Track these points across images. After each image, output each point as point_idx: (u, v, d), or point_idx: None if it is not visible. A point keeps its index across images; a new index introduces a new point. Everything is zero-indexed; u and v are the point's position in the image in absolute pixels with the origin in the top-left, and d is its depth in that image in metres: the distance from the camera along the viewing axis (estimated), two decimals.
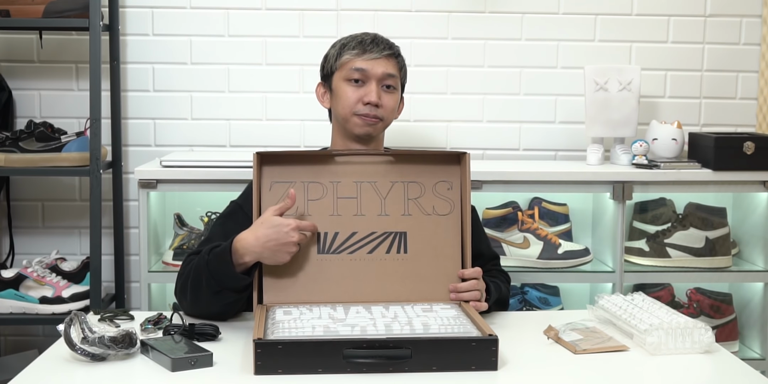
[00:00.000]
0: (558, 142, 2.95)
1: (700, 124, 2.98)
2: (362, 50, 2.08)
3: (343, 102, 2.08)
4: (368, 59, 2.07)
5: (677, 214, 2.82)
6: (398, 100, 2.15)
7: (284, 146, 2.89)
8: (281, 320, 1.67)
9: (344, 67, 2.09)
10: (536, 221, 2.79)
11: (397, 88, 2.13)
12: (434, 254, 1.81)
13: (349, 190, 1.82)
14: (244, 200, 2.09)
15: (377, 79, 2.07)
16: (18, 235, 2.92)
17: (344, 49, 2.10)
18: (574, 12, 2.91)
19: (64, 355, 1.63)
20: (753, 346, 2.84)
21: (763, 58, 2.93)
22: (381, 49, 2.09)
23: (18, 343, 2.99)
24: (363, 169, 1.84)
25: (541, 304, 2.75)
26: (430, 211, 1.80)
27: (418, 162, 1.84)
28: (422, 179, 1.82)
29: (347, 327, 1.62)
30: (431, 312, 1.71)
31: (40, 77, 2.89)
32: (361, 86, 2.08)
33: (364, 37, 2.12)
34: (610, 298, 1.91)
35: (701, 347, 1.70)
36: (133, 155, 2.90)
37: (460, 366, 1.55)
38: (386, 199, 1.81)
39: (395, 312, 1.71)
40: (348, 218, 1.81)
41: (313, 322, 1.65)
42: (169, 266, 2.67)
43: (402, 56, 2.17)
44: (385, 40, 2.14)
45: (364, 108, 2.06)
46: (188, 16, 2.87)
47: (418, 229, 1.80)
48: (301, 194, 1.83)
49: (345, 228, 1.81)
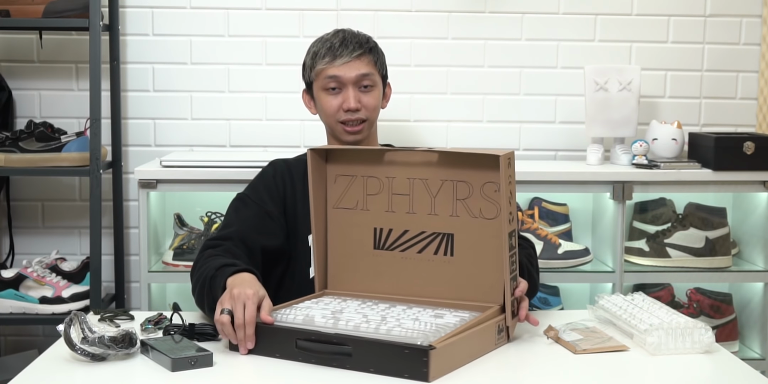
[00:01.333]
0: (558, 142, 2.95)
1: (700, 124, 2.98)
2: (332, 57, 2.09)
3: (326, 111, 2.13)
4: (340, 65, 2.08)
5: (677, 214, 2.82)
6: (380, 96, 2.16)
7: (284, 146, 2.89)
8: (305, 306, 1.74)
9: (319, 76, 2.12)
10: (536, 221, 2.79)
11: (376, 84, 2.14)
12: (479, 259, 1.77)
13: (402, 186, 1.81)
14: (251, 192, 2.11)
15: (352, 82, 2.10)
16: (18, 235, 2.92)
17: (316, 58, 2.11)
18: (574, 12, 2.91)
19: (64, 355, 1.63)
20: (753, 346, 2.84)
21: (763, 58, 2.93)
22: (351, 50, 2.09)
23: (18, 343, 2.99)
24: (414, 167, 1.82)
25: (541, 304, 2.75)
26: (477, 213, 1.76)
27: (468, 161, 1.78)
28: (471, 179, 1.77)
29: (342, 321, 1.63)
30: (439, 317, 1.69)
31: (40, 77, 2.89)
32: (338, 93, 2.10)
33: (333, 41, 2.11)
34: (610, 298, 1.91)
35: (701, 347, 1.70)
36: (133, 155, 2.90)
37: (393, 372, 1.52)
38: (436, 197, 1.79)
39: (416, 313, 1.71)
40: (401, 215, 1.82)
41: (324, 312, 1.68)
42: (169, 266, 2.67)
43: (376, 46, 2.16)
44: (355, 39, 2.12)
45: (345, 114, 2.10)
46: (188, 16, 2.87)
47: (464, 232, 1.77)
48: (361, 188, 1.85)
49: (398, 225, 1.82)
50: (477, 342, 1.65)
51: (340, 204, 1.88)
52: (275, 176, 2.14)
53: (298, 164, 2.16)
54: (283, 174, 2.14)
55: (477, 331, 1.64)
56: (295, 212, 2.10)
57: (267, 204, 2.08)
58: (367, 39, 2.15)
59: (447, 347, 1.53)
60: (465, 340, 1.60)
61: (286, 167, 2.16)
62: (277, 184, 2.12)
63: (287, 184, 2.12)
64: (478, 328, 1.64)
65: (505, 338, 1.73)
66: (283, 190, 2.12)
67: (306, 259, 2.07)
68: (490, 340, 1.68)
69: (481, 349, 1.66)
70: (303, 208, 2.07)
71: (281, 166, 2.17)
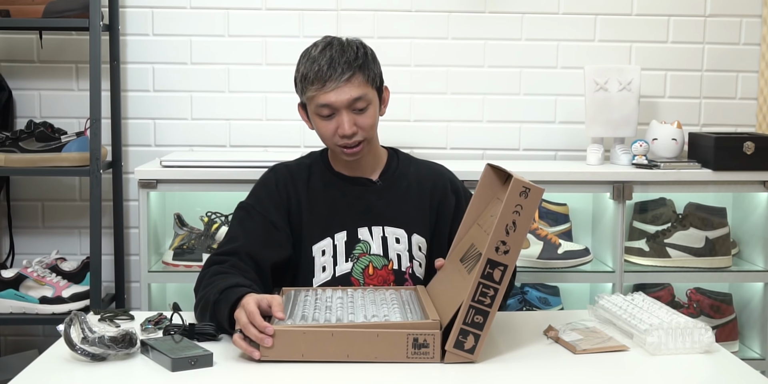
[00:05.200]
0: (558, 142, 2.95)
1: (700, 124, 2.98)
2: (321, 83, 1.95)
3: (322, 135, 2.04)
4: (330, 90, 1.95)
5: (677, 214, 2.82)
6: (376, 112, 2.04)
7: (284, 146, 2.89)
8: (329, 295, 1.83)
9: (311, 102, 2.00)
10: (536, 221, 2.79)
11: (371, 101, 2.01)
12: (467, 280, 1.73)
13: (496, 208, 1.80)
14: (255, 201, 2.06)
15: (345, 107, 1.97)
16: (18, 235, 2.93)
17: (306, 83, 1.99)
18: (574, 12, 2.91)
19: (64, 355, 1.63)
20: (753, 346, 2.84)
21: (763, 58, 2.93)
22: (339, 74, 1.95)
23: (18, 343, 2.99)
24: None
25: (541, 304, 2.75)
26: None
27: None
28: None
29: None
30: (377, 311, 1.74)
31: (40, 77, 2.89)
32: (333, 118, 1.99)
33: (320, 63, 1.96)
34: (610, 298, 1.91)
35: (701, 347, 1.70)
36: (133, 155, 2.90)
37: None
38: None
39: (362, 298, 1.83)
40: (482, 234, 1.82)
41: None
42: (169, 266, 2.67)
43: (366, 59, 2.00)
44: (342, 58, 1.97)
45: (341, 139, 2.01)
46: (188, 16, 2.87)
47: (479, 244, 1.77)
48: (490, 208, 1.87)
49: (478, 241, 1.82)
50: (352, 341, 1.61)
51: (480, 220, 1.89)
52: (278, 184, 2.08)
53: (300, 169, 2.11)
54: (285, 181, 2.08)
55: (354, 333, 1.61)
56: (300, 221, 2.06)
57: (272, 214, 2.03)
58: (356, 55, 1.99)
59: (282, 332, 1.59)
60: (319, 334, 1.60)
61: (288, 173, 2.10)
62: (280, 193, 2.06)
63: (290, 192, 2.07)
64: (362, 331, 1.61)
65: (432, 356, 1.62)
66: (287, 199, 2.06)
67: (310, 268, 2.04)
68: (386, 348, 1.62)
69: (365, 353, 1.61)
70: (308, 216, 2.05)
71: (283, 172, 2.11)
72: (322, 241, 2.05)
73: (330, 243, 2.05)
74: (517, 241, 1.62)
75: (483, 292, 1.61)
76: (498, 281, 1.61)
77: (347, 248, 2.05)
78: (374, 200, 2.08)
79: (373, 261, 2.05)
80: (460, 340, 1.61)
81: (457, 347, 1.62)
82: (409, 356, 1.61)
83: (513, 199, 1.61)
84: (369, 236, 2.06)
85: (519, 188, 1.62)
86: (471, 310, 1.61)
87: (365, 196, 2.08)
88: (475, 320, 1.61)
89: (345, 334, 1.60)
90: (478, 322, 1.61)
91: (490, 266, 1.61)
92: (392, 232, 2.07)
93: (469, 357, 1.62)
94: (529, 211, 1.63)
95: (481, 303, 1.61)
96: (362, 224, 2.06)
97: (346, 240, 2.05)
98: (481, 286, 1.61)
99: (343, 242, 2.05)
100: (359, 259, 2.05)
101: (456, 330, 1.61)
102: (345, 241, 2.05)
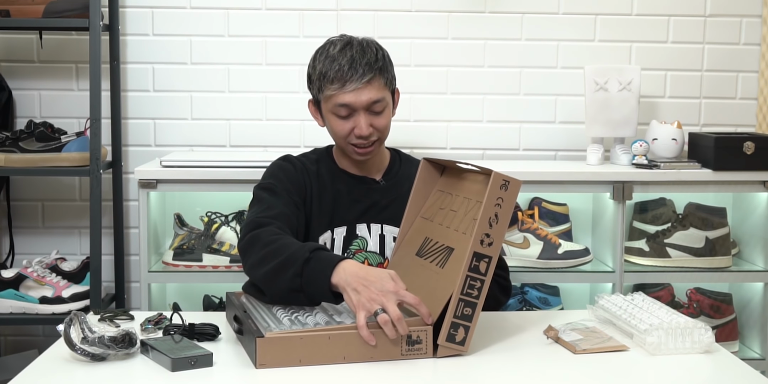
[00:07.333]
0: (558, 142, 2.95)
1: (700, 124, 2.98)
2: (342, 83, 1.96)
3: (336, 133, 2.04)
4: (350, 91, 1.96)
5: (677, 214, 2.82)
6: (390, 113, 2.07)
7: (284, 146, 2.89)
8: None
9: (328, 101, 2.00)
10: (536, 221, 2.79)
11: (388, 104, 2.04)
12: (453, 274, 1.72)
13: (457, 204, 1.84)
14: (277, 181, 2.04)
15: (364, 108, 1.99)
16: (18, 235, 2.93)
17: (324, 81, 1.98)
18: (574, 12, 2.91)
19: (64, 355, 1.63)
20: (753, 346, 2.84)
21: (763, 58, 2.93)
22: (361, 75, 1.96)
23: (18, 343, 2.99)
24: (476, 184, 1.82)
25: (541, 304, 2.75)
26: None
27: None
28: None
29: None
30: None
31: (40, 77, 2.89)
32: (349, 118, 2.00)
33: (341, 62, 1.96)
34: (610, 298, 1.91)
35: (701, 347, 1.70)
36: (133, 155, 2.90)
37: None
38: (466, 215, 1.79)
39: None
40: (443, 229, 1.82)
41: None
42: (169, 266, 2.67)
43: (385, 62, 2.02)
44: (364, 61, 1.97)
45: (356, 139, 2.02)
46: (188, 16, 2.87)
47: (462, 249, 1.74)
48: (439, 202, 1.90)
49: (438, 236, 1.83)
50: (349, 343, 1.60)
51: (424, 213, 1.92)
52: (296, 170, 2.07)
53: (309, 162, 2.12)
54: (301, 169, 2.08)
55: (351, 335, 1.61)
56: (311, 210, 2.06)
57: (294, 194, 2.02)
58: (376, 56, 2.00)
59: (278, 339, 1.57)
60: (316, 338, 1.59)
61: (301, 163, 2.11)
62: (299, 178, 2.06)
63: (306, 180, 2.07)
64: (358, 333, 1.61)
65: (426, 352, 1.64)
66: (304, 185, 2.06)
67: None
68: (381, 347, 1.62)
69: (361, 354, 1.61)
70: (317, 207, 2.06)
71: (296, 160, 2.11)
72: (324, 233, 2.06)
73: (329, 237, 2.06)
74: (500, 233, 1.67)
75: (470, 284, 1.65)
76: (484, 273, 1.65)
77: (344, 243, 2.07)
78: (378, 199, 2.10)
79: (369, 258, 2.07)
80: (452, 333, 1.64)
81: (449, 341, 1.64)
82: (403, 353, 1.64)
83: (494, 192, 1.65)
84: (367, 233, 2.08)
85: (499, 181, 1.66)
86: (460, 303, 1.64)
87: (370, 195, 2.10)
88: (465, 312, 1.64)
89: (342, 336, 1.60)
90: (467, 314, 1.64)
91: (476, 259, 1.65)
92: (391, 230, 2.08)
93: (461, 349, 1.65)
94: (509, 203, 1.67)
95: (470, 295, 1.65)
96: (362, 221, 2.08)
97: (344, 235, 2.07)
98: (469, 279, 1.64)
99: (341, 237, 2.07)
100: (355, 255, 2.06)
101: (447, 324, 1.63)
102: (344, 236, 2.07)
